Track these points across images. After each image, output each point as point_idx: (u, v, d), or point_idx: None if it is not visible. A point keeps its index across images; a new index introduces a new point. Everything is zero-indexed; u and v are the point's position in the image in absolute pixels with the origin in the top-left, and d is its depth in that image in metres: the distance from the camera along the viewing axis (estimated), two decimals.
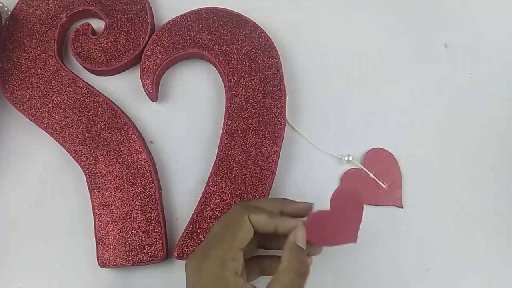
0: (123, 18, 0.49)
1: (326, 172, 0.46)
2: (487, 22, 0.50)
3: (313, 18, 0.51)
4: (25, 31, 0.48)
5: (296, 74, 0.49)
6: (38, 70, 0.47)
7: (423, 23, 0.50)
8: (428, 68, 0.49)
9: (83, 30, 0.49)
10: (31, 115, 0.46)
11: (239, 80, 0.46)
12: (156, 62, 0.47)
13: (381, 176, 0.45)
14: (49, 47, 0.48)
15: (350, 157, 0.45)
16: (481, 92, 0.48)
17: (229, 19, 0.48)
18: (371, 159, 0.46)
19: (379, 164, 0.45)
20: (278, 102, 0.45)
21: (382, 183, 0.45)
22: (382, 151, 0.46)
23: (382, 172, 0.45)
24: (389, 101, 0.48)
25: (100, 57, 0.48)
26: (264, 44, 0.47)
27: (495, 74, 0.49)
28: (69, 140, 0.46)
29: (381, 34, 0.50)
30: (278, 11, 0.50)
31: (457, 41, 0.50)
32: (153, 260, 0.43)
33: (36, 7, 0.49)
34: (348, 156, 0.45)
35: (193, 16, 0.48)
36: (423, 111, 0.48)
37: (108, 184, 0.44)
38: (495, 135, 0.47)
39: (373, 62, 0.49)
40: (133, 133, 0.45)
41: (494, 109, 0.48)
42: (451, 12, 0.51)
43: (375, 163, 0.46)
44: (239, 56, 0.47)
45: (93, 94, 0.47)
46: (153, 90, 0.47)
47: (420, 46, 0.50)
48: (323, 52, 0.49)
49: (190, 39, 0.47)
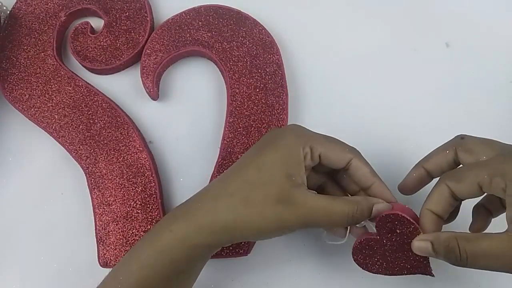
0: (123, 16, 0.48)
1: None
2: (489, 21, 0.50)
3: (314, 15, 0.50)
4: (24, 30, 0.48)
5: (298, 70, 0.48)
6: (37, 69, 0.47)
7: (424, 22, 0.50)
8: (429, 67, 0.49)
9: (82, 28, 0.48)
10: (31, 115, 0.46)
11: (240, 77, 0.46)
12: (156, 60, 0.47)
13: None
14: (48, 46, 0.48)
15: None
16: (482, 92, 0.48)
17: (229, 16, 0.47)
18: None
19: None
20: (280, 98, 0.45)
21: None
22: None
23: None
24: (389, 100, 0.48)
25: (99, 56, 0.48)
26: (265, 40, 0.47)
27: (497, 74, 0.48)
28: (69, 140, 0.45)
29: (382, 33, 0.50)
30: (279, 8, 0.50)
31: (459, 40, 0.49)
32: None
33: (35, 6, 0.49)
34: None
35: (192, 14, 0.48)
36: (424, 110, 0.47)
37: (109, 183, 0.44)
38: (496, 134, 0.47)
39: (374, 60, 0.49)
40: (133, 132, 0.45)
41: (496, 108, 0.47)
42: (453, 11, 0.50)
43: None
44: (240, 53, 0.46)
45: (92, 93, 0.46)
46: (154, 88, 0.46)
47: (421, 45, 0.49)
48: (324, 50, 0.49)
49: (190, 36, 0.47)
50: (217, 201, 0.33)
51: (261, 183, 0.32)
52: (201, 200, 0.34)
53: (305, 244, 0.44)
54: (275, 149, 0.33)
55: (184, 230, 0.33)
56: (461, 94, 0.48)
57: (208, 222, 0.33)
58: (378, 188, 0.35)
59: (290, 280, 0.43)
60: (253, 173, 0.32)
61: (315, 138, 0.34)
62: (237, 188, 0.32)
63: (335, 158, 0.34)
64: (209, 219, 0.32)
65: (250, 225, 0.32)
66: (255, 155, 0.34)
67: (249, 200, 0.32)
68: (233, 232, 0.33)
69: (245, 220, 0.32)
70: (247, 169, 0.32)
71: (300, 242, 0.44)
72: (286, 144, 0.33)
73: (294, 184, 0.32)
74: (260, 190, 0.32)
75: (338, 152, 0.34)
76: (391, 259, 0.35)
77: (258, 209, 0.32)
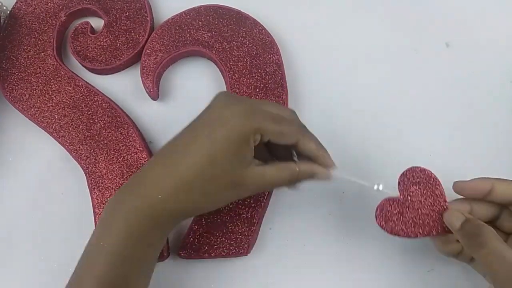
0: (122, 16, 0.48)
1: None
2: (489, 21, 0.50)
3: (314, 15, 0.50)
4: (24, 30, 0.48)
5: (298, 70, 0.48)
6: (37, 69, 0.47)
7: (424, 23, 0.50)
8: (429, 67, 0.49)
9: (82, 28, 0.48)
10: (31, 114, 0.46)
11: (240, 77, 0.46)
12: (156, 60, 0.47)
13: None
14: (48, 46, 0.48)
15: (380, 185, 0.38)
16: (482, 92, 0.48)
17: (229, 16, 0.47)
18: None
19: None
20: (279, 98, 0.45)
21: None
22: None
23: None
24: (389, 100, 0.48)
25: (99, 56, 0.48)
26: (264, 40, 0.47)
27: (497, 74, 0.48)
28: (69, 139, 0.45)
29: (382, 33, 0.50)
30: (279, 8, 0.50)
31: (459, 41, 0.49)
32: None
33: (35, 6, 0.49)
34: (378, 184, 0.38)
35: (192, 14, 0.48)
36: (424, 110, 0.47)
37: (109, 183, 0.44)
38: (496, 135, 0.47)
39: (374, 60, 0.49)
40: (133, 132, 0.45)
41: (496, 108, 0.47)
42: (453, 11, 0.50)
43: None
44: (240, 53, 0.46)
45: (92, 93, 0.46)
46: (154, 88, 0.46)
47: (421, 46, 0.49)
48: (324, 50, 0.49)
49: (190, 36, 0.47)
50: (178, 194, 0.35)
51: (216, 176, 0.34)
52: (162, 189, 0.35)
53: (305, 244, 0.44)
54: (226, 137, 0.34)
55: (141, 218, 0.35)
56: (461, 94, 0.48)
57: (168, 210, 0.35)
58: (322, 159, 0.37)
59: (290, 280, 0.43)
60: (207, 167, 0.34)
61: (263, 122, 0.35)
62: (195, 182, 0.35)
63: (284, 141, 0.36)
64: (170, 207, 0.35)
65: (210, 208, 0.38)
66: (205, 141, 0.35)
67: (208, 192, 0.35)
68: (192, 214, 0.40)
69: (206, 207, 0.37)
70: (201, 160, 0.34)
71: (300, 241, 0.44)
72: (236, 134, 0.34)
73: (245, 166, 0.35)
74: (216, 182, 0.35)
75: (286, 136, 0.36)
76: (411, 218, 0.37)
77: (217, 197, 0.36)
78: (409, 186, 0.37)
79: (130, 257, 0.35)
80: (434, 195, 0.37)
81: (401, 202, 0.37)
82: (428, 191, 0.37)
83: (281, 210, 0.44)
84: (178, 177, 0.35)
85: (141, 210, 0.34)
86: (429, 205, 0.37)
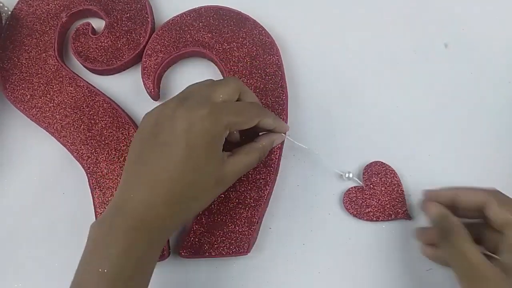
0: (124, 17, 0.49)
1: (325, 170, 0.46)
2: (487, 22, 0.50)
3: (314, 16, 0.51)
4: (26, 30, 0.48)
5: (297, 71, 0.48)
6: (38, 70, 0.47)
7: (423, 23, 0.50)
8: (428, 68, 0.49)
9: (84, 29, 0.49)
10: (32, 115, 0.46)
11: (240, 78, 0.46)
12: (157, 61, 0.47)
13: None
14: (49, 47, 0.48)
15: (350, 174, 0.44)
16: (481, 92, 0.48)
17: (230, 17, 0.48)
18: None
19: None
20: (279, 99, 0.45)
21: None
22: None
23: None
24: (389, 100, 0.48)
25: (100, 57, 0.48)
26: (264, 41, 0.47)
27: (496, 74, 0.48)
28: (70, 140, 0.45)
29: (381, 34, 0.50)
30: (279, 9, 0.50)
31: (457, 41, 0.49)
32: None
33: (36, 7, 0.49)
34: (349, 173, 0.44)
35: (193, 15, 0.48)
36: (424, 111, 0.47)
37: (110, 183, 0.44)
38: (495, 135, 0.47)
39: (374, 61, 0.49)
40: (134, 132, 0.45)
41: (495, 109, 0.47)
42: (451, 11, 0.50)
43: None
44: (240, 54, 0.47)
45: (94, 94, 0.47)
46: (155, 89, 0.47)
47: (420, 46, 0.49)
48: (324, 51, 0.49)
49: (190, 37, 0.47)
50: (170, 207, 0.36)
51: (201, 181, 0.37)
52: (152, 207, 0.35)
53: (304, 243, 0.44)
54: (202, 142, 0.36)
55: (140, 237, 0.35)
56: (461, 95, 0.48)
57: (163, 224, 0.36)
58: (279, 129, 0.42)
59: (290, 279, 0.43)
60: (193, 176, 0.36)
61: (229, 117, 0.37)
62: (183, 192, 0.36)
63: (247, 127, 0.39)
64: (164, 221, 0.36)
65: (202, 208, 0.40)
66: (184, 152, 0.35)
67: (195, 197, 0.37)
68: (187, 221, 0.43)
69: (198, 209, 0.40)
70: (185, 170, 0.36)
71: (300, 241, 0.44)
72: (210, 136, 0.36)
73: (221, 163, 0.38)
74: (202, 186, 0.37)
75: (249, 122, 0.39)
76: (376, 204, 0.44)
77: (205, 198, 0.38)
78: (371, 177, 0.44)
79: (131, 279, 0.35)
80: (392, 185, 0.44)
81: (365, 190, 0.44)
82: (387, 181, 0.44)
83: (281, 210, 0.45)
84: (167, 193, 0.35)
85: (134, 229, 0.34)
86: (388, 193, 0.44)
